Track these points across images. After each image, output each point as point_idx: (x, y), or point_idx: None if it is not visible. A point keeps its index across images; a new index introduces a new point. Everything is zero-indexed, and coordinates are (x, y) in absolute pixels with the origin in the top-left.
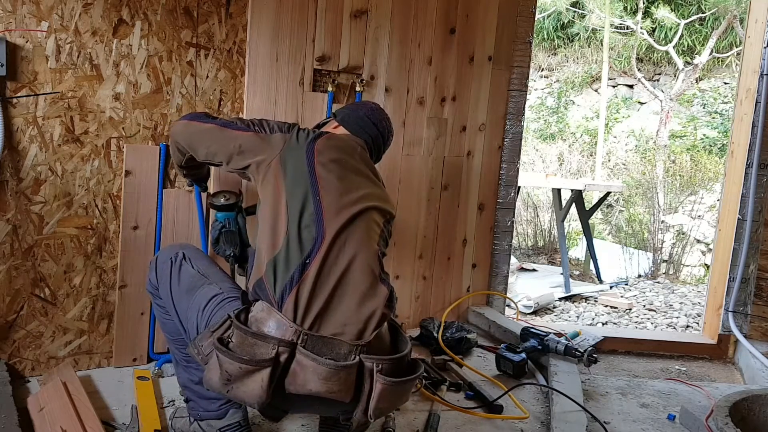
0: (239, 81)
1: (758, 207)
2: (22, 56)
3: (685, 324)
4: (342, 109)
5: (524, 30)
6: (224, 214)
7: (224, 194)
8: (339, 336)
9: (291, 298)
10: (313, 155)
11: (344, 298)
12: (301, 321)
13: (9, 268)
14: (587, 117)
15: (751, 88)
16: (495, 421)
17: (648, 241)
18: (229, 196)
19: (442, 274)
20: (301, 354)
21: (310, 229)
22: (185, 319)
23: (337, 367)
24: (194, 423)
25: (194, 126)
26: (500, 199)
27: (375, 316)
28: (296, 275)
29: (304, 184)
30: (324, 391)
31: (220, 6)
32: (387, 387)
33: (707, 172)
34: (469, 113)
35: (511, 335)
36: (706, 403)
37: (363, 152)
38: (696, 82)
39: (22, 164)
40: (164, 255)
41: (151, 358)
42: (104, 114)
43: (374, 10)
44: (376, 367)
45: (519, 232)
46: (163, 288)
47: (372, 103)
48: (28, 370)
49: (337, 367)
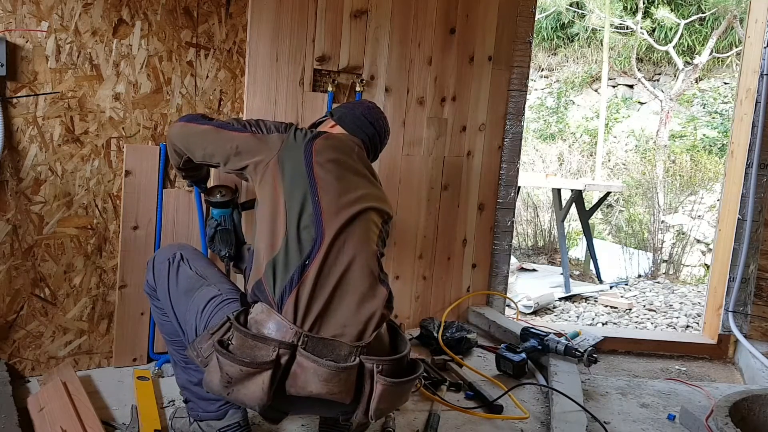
0: (239, 81)
1: (758, 207)
2: (22, 56)
3: (685, 324)
4: (339, 108)
5: (524, 30)
6: (220, 211)
7: (220, 190)
8: (339, 337)
9: (291, 299)
10: (311, 155)
11: (344, 299)
12: (302, 322)
13: (9, 268)
14: (587, 117)
15: (751, 88)
16: (495, 421)
17: (648, 241)
18: (225, 192)
19: (442, 274)
20: (301, 356)
21: (310, 230)
22: (183, 321)
23: (337, 369)
24: (194, 423)
25: (191, 128)
26: (500, 199)
27: (375, 317)
28: (296, 276)
29: (302, 185)
30: (325, 392)
31: (220, 6)
32: (387, 387)
33: (707, 172)
34: (469, 113)
35: (511, 335)
36: (706, 403)
37: (360, 152)
38: (696, 82)
39: (22, 164)
40: (162, 256)
41: (151, 358)
42: (104, 114)
43: (374, 10)
44: (377, 368)
45: (519, 232)
46: (161, 289)
47: (369, 102)
48: (28, 370)
49: (337, 368)
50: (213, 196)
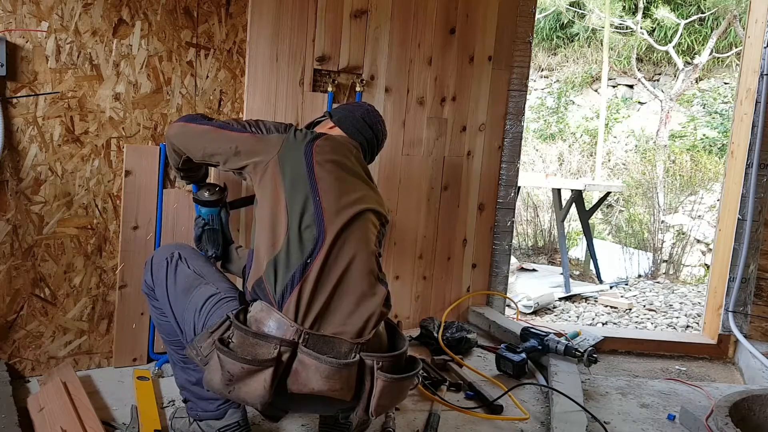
0: (239, 81)
1: (758, 207)
2: (22, 56)
3: (685, 324)
4: (338, 110)
5: (524, 30)
6: (208, 210)
7: (209, 188)
8: (340, 335)
9: (293, 297)
10: (311, 156)
11: (344, 298)
12: (302, 320)
13: (9, 268)
14: (587, 117)
15: (751, 88)
16: (495, 421)
17: (648, 241)
18: (213, 190)
19: (442, 274)
20: (303, 353)
21: (312, 230)
22: (182, 320)
23: (339, 365)
24: (194, 423)
25: (190, 128)
26: (500, 199)
27: (374, 315)
28: (297, 275)
29: (303, 185)
30: (326, 389)
31: (220, 6)
32: (388, 384)
33: (707, 172)
34: (469, 113)
35: (511, 335)
36: (706, 403)
37: (358, 154)
38: (696, 82)
39: (22, 164)
40: (159, 255)
41: (151, 358)
42: (104, 114)
43: (374, 10)
44: (377, 365)
45: (519, 232)
46: (159, 289)
47: (368, 105)
48: (28, 370)
49: (339, 365)
50: (201, 195)
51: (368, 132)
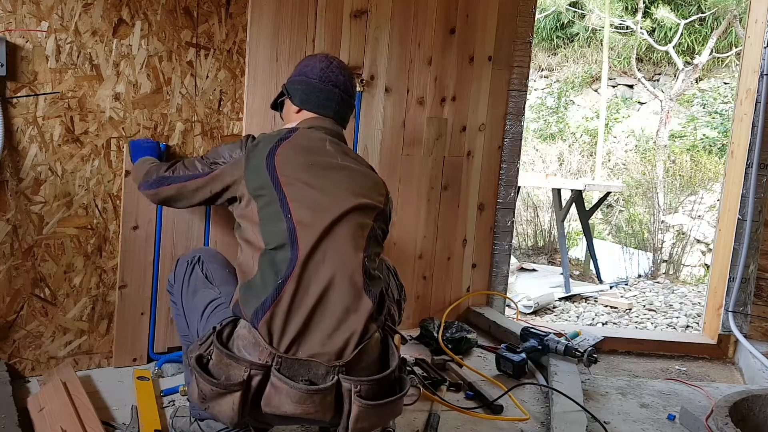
0: (239, 81)
1: (758, 207)
2: (22, 56)
3: (685, 324)
4: (294, 84)
5: (524, 30)
6: None
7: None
8: (317, 357)
9: (263, 322)
10: (274, 170)
11: (325, 317)
12: (278, 343)
13: (9, 268)
14: (587, 117)
15: (751, 88)
16: (495, 421)
17: (648, 241)
18: None
19: (442, 274)
20: (275, 377)
21: (285, 249)
22: (190, 321)
23: (309, 392)
24: (194, 423)
25: (164, 191)
26: (500, 199)
27: (356, 334)
28: (269, 299)
29: (273, 202)
30: (300, 412)
31: (220, 6)
32: (363, 409)
33: (707, 172)
34: (469, 113)
35: (511, 335)
36: (706, 403)
37: (332, 139)
38: (696, 82)
39: (22, 164)
40: (185, 257)
41: (151, 358)
42: (104, 114)
43: (374, 10)
44: (354, 389)
45: (519, 232)
46: (177, 289)
47: (320, 56)
48: (28, 370)
49: (309, 391)
50: None
51: (335, 92)
